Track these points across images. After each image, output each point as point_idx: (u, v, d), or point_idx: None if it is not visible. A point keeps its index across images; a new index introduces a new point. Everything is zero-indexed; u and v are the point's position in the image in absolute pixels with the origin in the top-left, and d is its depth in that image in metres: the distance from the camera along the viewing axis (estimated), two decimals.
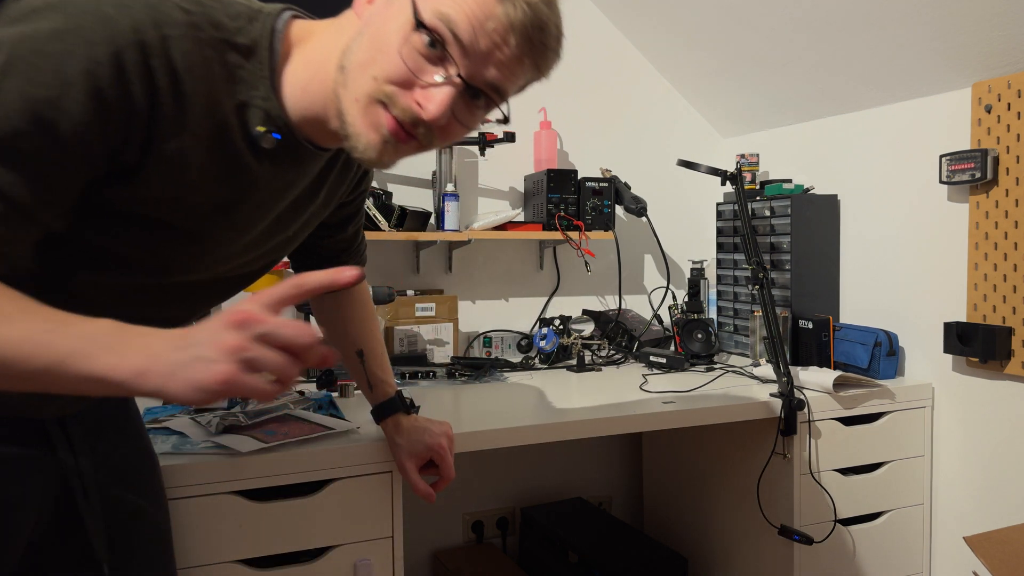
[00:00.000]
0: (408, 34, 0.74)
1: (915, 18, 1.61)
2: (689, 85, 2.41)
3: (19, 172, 0.65)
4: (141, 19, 0.68)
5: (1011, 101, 1.57)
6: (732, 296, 2.21)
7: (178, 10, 0.71)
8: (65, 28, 0.65)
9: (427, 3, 0.74)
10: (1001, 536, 1.27)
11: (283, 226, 0.92)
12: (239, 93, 0.77)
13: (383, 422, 1.22)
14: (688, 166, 1.78)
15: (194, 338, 0.62)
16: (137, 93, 0.68)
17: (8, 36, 0.65)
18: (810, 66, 1.94)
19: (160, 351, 0.62)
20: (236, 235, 0.85)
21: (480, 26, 0.74)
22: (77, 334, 0.62)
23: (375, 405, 1.23)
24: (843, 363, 1.88)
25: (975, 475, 1.70)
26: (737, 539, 1.85)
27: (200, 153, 0.75)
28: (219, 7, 0.76)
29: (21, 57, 0.64)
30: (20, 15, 0.66)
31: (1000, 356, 1.60)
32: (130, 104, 0.68)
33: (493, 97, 0.79)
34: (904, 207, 1.85)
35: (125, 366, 0.62)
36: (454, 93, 0.76)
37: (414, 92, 0.76)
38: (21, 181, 0.65)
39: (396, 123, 0.76)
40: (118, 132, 0.68)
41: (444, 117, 0.76)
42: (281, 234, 0.93)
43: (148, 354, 0.62)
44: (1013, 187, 1.57)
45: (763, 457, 1.69)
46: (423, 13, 0.74)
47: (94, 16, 0.66)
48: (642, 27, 2.31)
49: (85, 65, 0.65)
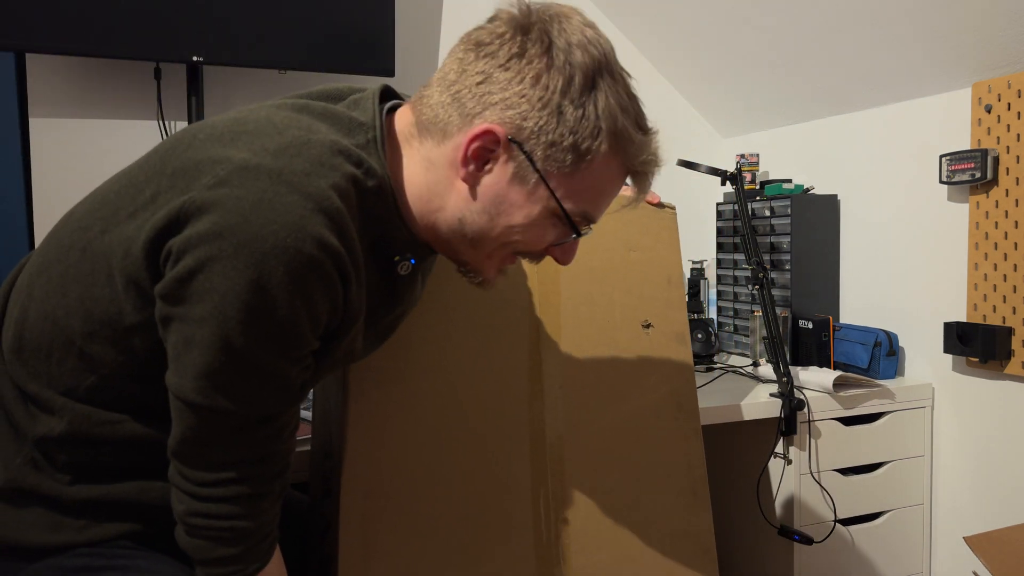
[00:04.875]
0: (552, 220, 0.81)
1: (915, 18, 1.61)
2: (689, 85, 2.41)
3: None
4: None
5: (1011, 101, 1.57)
6: (732, 296, 2.21)
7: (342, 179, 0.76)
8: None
9: (571, 202, 0.80)
10: (1001, 536, 1.27)
11: (402, 315, 0.99)
12: (376, 227, 0.81)
13: None
14: (688, 166, 1.78)
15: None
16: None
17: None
18: (810, 66, 1.94)
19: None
20: (375, 337, 0.94)
21: (611, 198, 0.84)
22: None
23: None
24: (843, 363, 1.88)
25: (975, 475, 1.70)
26: (737, 539, 1.85)
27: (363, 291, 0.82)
28: (342, 144, 0.78)
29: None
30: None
31: (1000, 356, 1.60)
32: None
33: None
34: (904, 207, 1.85)
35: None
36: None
37: (548, 248, 0.85)
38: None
39: (516, 258, 0.86)
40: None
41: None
42: (400, 320, 0.99)
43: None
44: (1013, 187, 1.57)
45: (763, 457, 1.69)
46: (570, 211, 0.81)
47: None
48: (642, 27, 2.31)
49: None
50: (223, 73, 1.94)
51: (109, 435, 0.81)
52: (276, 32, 1.79)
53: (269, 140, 0.73)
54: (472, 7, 2.20)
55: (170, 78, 1.89)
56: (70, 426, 0.80)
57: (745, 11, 1.91)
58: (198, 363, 0.73)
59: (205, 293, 0.70)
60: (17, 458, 0.82)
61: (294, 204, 0.70)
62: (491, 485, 1.13)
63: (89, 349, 0.79)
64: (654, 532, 1.23)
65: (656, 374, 1.26)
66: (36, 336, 0.82)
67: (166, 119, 1.90)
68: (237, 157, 0.71)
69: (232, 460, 0.77)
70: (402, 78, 2.09)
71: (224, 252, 0.69)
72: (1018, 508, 1.62)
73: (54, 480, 0.82)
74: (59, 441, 0.81)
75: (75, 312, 0.79)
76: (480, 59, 0.78)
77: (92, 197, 0.83)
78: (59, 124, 1.83)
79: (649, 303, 1.27)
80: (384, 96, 0.86)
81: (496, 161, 0.78)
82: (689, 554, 1.24)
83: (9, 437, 0.83)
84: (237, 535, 0.79)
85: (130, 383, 0.81)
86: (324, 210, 0.71)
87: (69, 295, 0.80)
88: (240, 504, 0.78)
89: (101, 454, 0.82)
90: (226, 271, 0.69)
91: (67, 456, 0.82)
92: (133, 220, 0.75)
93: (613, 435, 1.22)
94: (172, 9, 1.69)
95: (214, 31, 1.73)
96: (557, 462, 1.18)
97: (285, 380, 0.77)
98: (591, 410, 1.21)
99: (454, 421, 1.12)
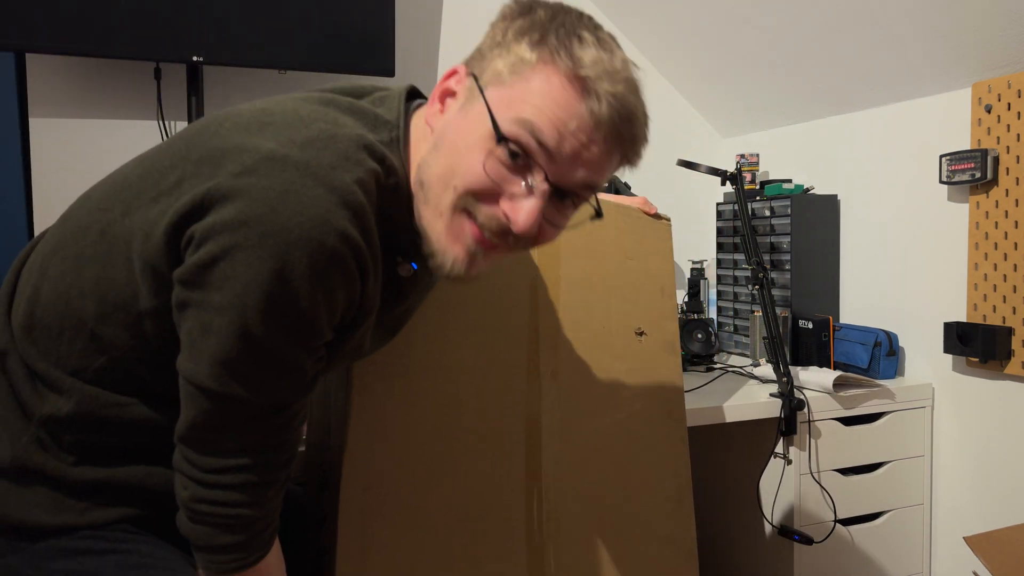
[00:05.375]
0: (490, 146, 0.73)
1: (915, 18, 1.61)
2: (689, 85, 2.41)
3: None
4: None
5: (1011, 101, 1.57)
6: (732, 296, 2.20)
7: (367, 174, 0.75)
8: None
9: (506, 111, 0.73)
10: (1001, 536, 1.27)
11: (408, 312, 0.99)
12: (387, 225, 0.80)
13: None
14: (688, 166, 1.78)
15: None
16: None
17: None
18: (810, 66, 1.94)
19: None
20: (383, 333, 0.93)
21: (564, 127, 0.72)
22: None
23: None
24: (843, 363, 1.88)
25: (975, 475, 1.70)
26: (737, 539, 1.85)
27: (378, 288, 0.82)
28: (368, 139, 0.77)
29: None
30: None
31: (1000, 356, 1.60)
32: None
33: (583, 195, 0.78)
34: (904, 207, 1.85)
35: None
36: (542, 201, 0.74)
37: (500, 202, 0.74)
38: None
39: (481, 233, 0.75)
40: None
41: (534, 228, 0.74)
42: (407, 317, 0.99)
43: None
44: (1013, 187, 1.57)
45: (763, 457, 1.69)
46: (503, 124, 0.72)
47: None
48: (642, 27, 2.31)
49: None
50: (223, 73, 1.94)
51: (116, 417, 0.82)
52: (276, 32, 1.79)
53: (296, 132, 0.73)
54: (472, 7, 2.20)
55: (170, 78, 1.89)
56: (77, 407, 0.81)
57: (745, 11, 1.91)
58: (215, 350, 0.72)
59: (227, 280, 0.70)
60: (23, 437, 0.82)
61: (320, 197, 0.69)
62: (487, 483, 1.15)
63: (101, 331, 0.79)
64: (639, 535, 1.25)
65: (648, 381, 1.28)
66: (48, 315, 0.82)
67: (166, 119, 1.90)
68: (264, 147, 0.71)
69: (242, 448, 0.77)
70: (402, 78, 2.09)
71: (249, 241, 0.69)
72: (1018, 508, 1.62)
73: (59, 460, 0.82)
74: (66, 421, 0.81)
75: (89, 293, 0.79)
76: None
77: (112, 179, 0.83)
78: (59, 124, 1.83)
79: (644, 311, 1.29)
80: (410, 96, 0.86)
81: (455, 98, 0.78)
82: (672, 558, 1.27)
83: (16, 415, 0.83)
84: (241, 523, 0.79)
85: (139, 367, 0.81)
86: (348, 204, 0.71)
87: (84, 276, 0.80)
88: (246, 492, 0.78)
89: (107, 436, 0.83)
90: (249, 260, 0.69)
91: (73, 437, 0.82)
92: (156, 204, 0.75)
93: (605, 438, 1.24)
94: (172, 9, 1.69)
95: (214, 31, 1.73)
96: (551, 463, 1.20)
97: (301, 370, 0.77)
98: (585, 413, 1.23)
99: (453, 419, 1.13)
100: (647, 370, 1.28)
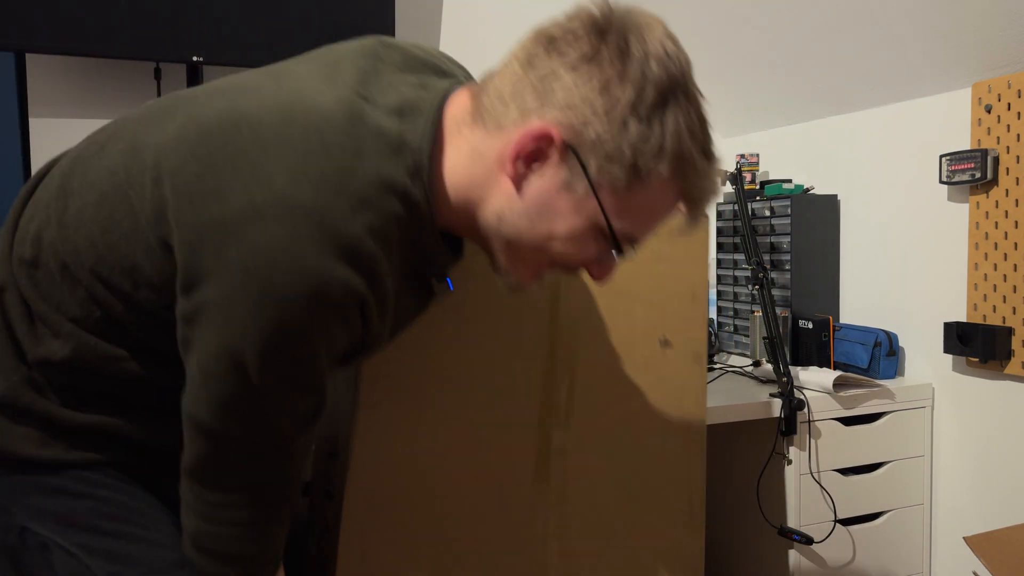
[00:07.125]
0: (595, 235, 0.77)
1: (915, 18, 1.61)
2: None
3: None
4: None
5: (1011, 101, 1.57)
6: (732, 296, 2.20)
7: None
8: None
9: (618, 219, 0.75)
10: (1001, 536, 1.27)
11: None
12: (417, 254, 0.80)
13: None
14: None
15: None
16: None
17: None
18: (810, 66, 1.94)
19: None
20: (396, 333, 0.92)
21: (659, 223, 0.80)
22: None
23: None
24: (843, 363, 1.88)
25: (975, 475, 1.70)
26: (737, 539, 1.85)
27: (394, 298, 0.81)
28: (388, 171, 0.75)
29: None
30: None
31: (1000, 356, 1.60)
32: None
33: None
34: (904, 207, 1.85)
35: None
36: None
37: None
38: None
39: (554, 268, 0.81)
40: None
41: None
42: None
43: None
44: (1013, 187, 1.57)
45: (763, 457, 1.69)
46: (616, 227, 0.76)
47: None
48: None
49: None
50: (223, 73, 1.94)
51: (111, 369, 0.81)
52: (276, 32, 1.79)
53: (313, 163, 0.69)
54: (472, 7, 2.20)
55: (170, 78, 1.89)
56: (74, 353, 0.80)
57: (745, 11, 1.91)
58: (214, 393, 0.73)
59: (225, 327, 0.70)
60: (15, 375, 0.81)
61: (325, 250, 0.68)
62: (493, 502, 1.12)
63: (98, 287, 0.79)
64: (647, 552, 1.22)
65: (669, 395, 1.22)
66: (55, 258, 0.79)
67: None
68: (277, 183, 0.68)
69: (244, 484, 0.78)
70: None
71: (248, 291, 0.68)
72: (1018, 508, 1.62)
73: (48, 401, 0.81)
74: (61, 366, 0.80)
75: (99, 244, 0.77)
76: (550, 56, 0.73)
77: (136, 135, 0.79)
78: (59, 124, 1.83)
79: (671, 319, 1.21)
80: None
81: (547, 163, 0.74)
82: (678, 573, 1.24)
83: (10, 352, 0.82)
84: (243, 559, 0.80)
85: (136, 331, 0.80)
86: (355, 255, 0.70)
87: (102, 227, 0.77)
88: (248, 528, 0.79)
89: (100, 384, 0.82)
90: (249, 308, 0.69)
91: (66, 381, 0.81)
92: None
93: (619, 454, 1.20)
94: (172, 9, 1.69)
95: (214, 31, 1.73)
96: (561, 481, 1.16)
97: (301, 411, 0.78)
98: (601, 429, 1.18)
99: (462, 434, 1.10)
100: (670, 383, 1.21)
